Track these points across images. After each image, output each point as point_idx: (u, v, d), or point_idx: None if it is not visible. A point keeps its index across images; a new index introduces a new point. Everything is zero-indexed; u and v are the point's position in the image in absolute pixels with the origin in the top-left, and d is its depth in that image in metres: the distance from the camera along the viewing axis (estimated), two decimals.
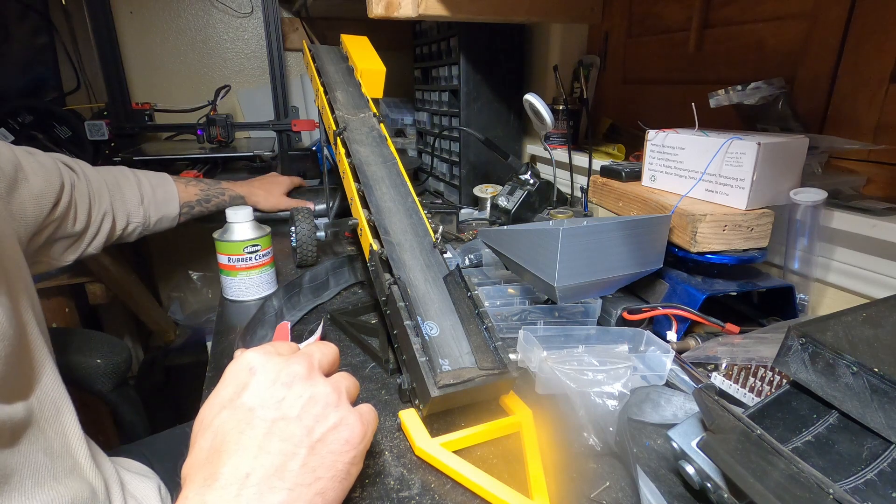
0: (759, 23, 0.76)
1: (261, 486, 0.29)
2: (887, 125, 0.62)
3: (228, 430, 0.30)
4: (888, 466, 0.30)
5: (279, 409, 0.31)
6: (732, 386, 0.49)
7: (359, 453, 0.33)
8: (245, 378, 0.32)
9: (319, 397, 0.33)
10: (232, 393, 0.32)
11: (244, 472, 0.29)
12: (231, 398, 0.32)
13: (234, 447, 0.30)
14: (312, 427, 0.31)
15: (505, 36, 1.11)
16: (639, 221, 0.58)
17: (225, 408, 0.31)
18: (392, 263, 0.54)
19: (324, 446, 0.31)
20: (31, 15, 1.46)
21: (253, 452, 0.30)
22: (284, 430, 0.31)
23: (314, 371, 0.34)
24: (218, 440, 0.30)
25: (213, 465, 0.29)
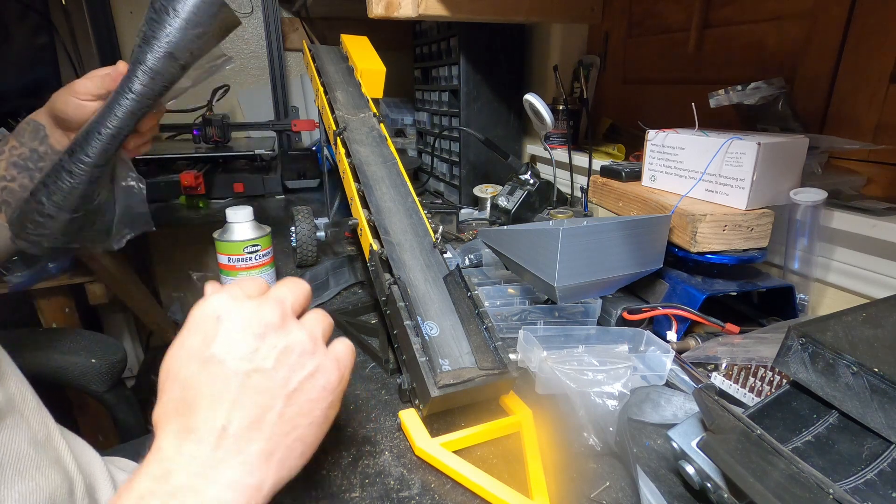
0: (759, 23, 0.76)
1: (238, 438, 0.29)
2: (887, 125, 0.62)
3: (200, 383, 0.29)
4: (888, 466, 0.30)
5: (252, 361, 0.30)
6: (732, 386, 0.49)
7: (336, 397, 0.33)
8: (212, 326, 0.31)
9: (294, 346, 0.31)
10: (200, 343, 0.30)
11: (220, 425, 0.29)
12: (199, 348, 0.30)
13: (208, 401, 0.29)
14: (288, 377, 0.31)
15: (505, 36, 1.11)
16: (639, 221, 0.58)
17: (193, 359, 0.30)
18: (392, 263, 0.54)
19: (301, 395, 0.31)
20: (31, 15, 1.46)
21: (228, 406, 0.29)
22: (259, 383, 0.30)
23: (287, 317, 0.32)
24: (190, 393, 0.29)
25: (187, 418, 0.29)
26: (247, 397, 0.29)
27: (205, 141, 1.41)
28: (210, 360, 0.30)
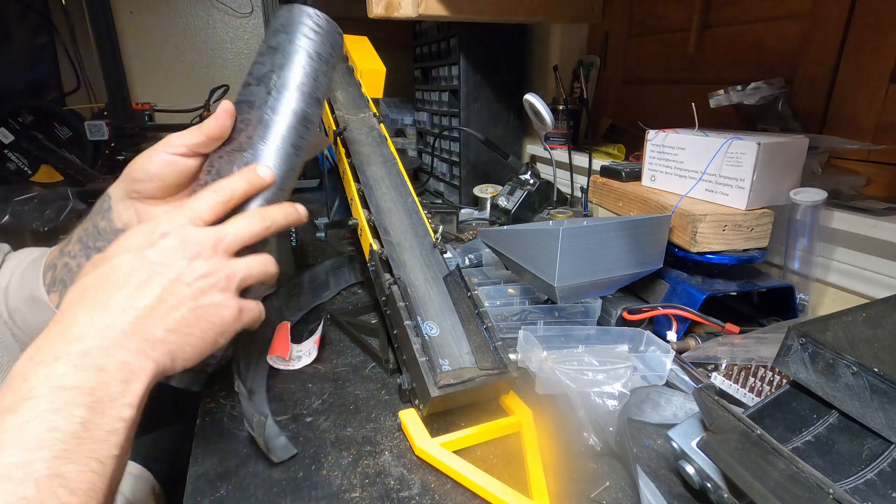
0: (759, 23, 0.76)
1: (148, 318, 0.35)
2: (887, 125, 0.62)
3: (127, 270, 0.36)
4: (888, 466, 0.30)
5: (177, 273, 0.37)
6: (732, 386, 0.49)
7: (230, 332, 0.40)
8: (156, 238, 0.37)
9: (213, 276, 0.38)
10: (140, 243, 0.37)
11: (135, 305, 0.35)
12: (137, 248, 0.37)
13: (129, 287, 0.35)
14: (198, 296, 0.37)
15: (505, 36, 1.11)
16: (639, 221, 0.58)
17: (129, 252, 0.37)
18: (392, 263, 0.54)
19: (203, 312, 0.38)
20: (31, 15, 1.46)
21: (146, 295, 0.35)
22: (175, 289, 0.37)
23: (217, 252, 0.39)
24: (115, 275, 0.36)
25: (103, 294, 0.35)
26: (163, 295, 0.36)
27: None
28: (142, 258, 0.36)
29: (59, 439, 0.29)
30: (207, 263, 0.38)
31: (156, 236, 0.37)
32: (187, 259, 0.37)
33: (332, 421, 0.48)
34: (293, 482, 0.41)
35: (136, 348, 0.34)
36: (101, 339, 0.33)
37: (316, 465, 0.43)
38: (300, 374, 0.56)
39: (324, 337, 0.62)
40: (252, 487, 0.40)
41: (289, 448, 0.44)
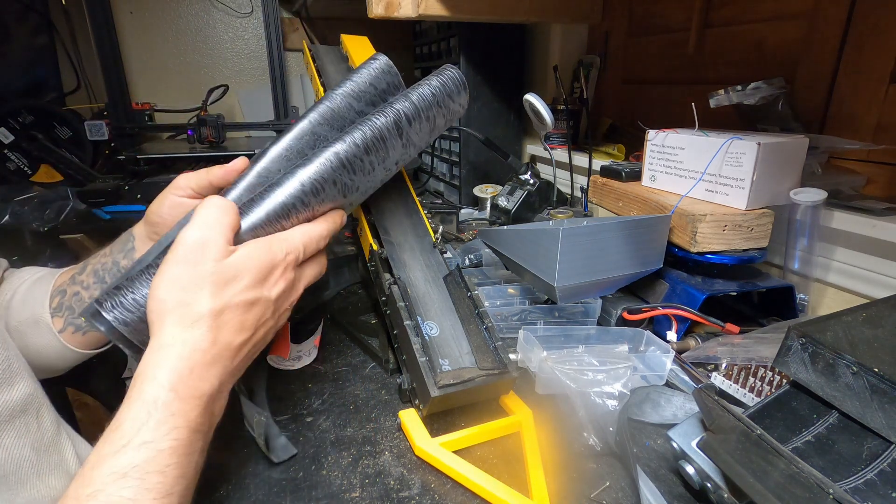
0: (759, 23, 0.76)
1: (247, 354, 0.38)
2: (887, 125, 0.62)
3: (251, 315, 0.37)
4: (888, 466, 0.30)
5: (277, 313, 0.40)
6: (732, 386, 0.49)
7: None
8: (276, 278, 0.39)
9: (289, 305, 0.42)
10: (261, 273, 0.38)
11: (247, 352, 0.38)
12: (258, 280, 0.37)
13: (247, 330, 0.37)
14: (278, 323, 0.41)
15: (505, 36, 1.11)
16: (639, 221, 0.58)
17: (254, 287, 0.37)
18: (392, 263, 0.54)
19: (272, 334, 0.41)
20: (31, 15, 1.46)
21: (255, 336, 0.38)
22: (271, 324, 0.40)
23: (300, 285, 0.42)
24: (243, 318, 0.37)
25: (229, 335, 0.36)
26: (264, 331, 0.39)
27: (199, 141, 1.41)
28: (262, 300, 0.38)
29: (184, 485, 0.32)
30: (292, 295, 0.41)
31: (275, 275, 0.39)
32: (291, 303, 0.41)
33: (332, 421, 0.48)
34: (293, 482, 0.41)
35: (229, 386, 0.37)
36: (224, 380, 0.35)
37: (316, 465, 0.43)
38: (300, 374, 0.56)
39: (324, 337, 0.62)
40: (252, 487, 0.40)
41: (289, 448, 0.44)
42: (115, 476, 0.29)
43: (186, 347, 0.33)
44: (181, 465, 0.31)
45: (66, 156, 1.40)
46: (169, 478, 0.30)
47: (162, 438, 0.30)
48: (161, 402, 0.31)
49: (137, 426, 0.30)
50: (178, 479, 0.31)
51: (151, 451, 0.30)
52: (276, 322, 0.40)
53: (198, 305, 0.34)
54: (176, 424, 0.31)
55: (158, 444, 0.30)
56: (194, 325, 0.34)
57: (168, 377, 0.32)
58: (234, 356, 0.36)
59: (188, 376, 0.32)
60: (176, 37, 1.69)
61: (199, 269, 0.35)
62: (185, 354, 0.33)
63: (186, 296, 0.34)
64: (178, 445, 0.31)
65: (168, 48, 1.69)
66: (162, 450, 0.30)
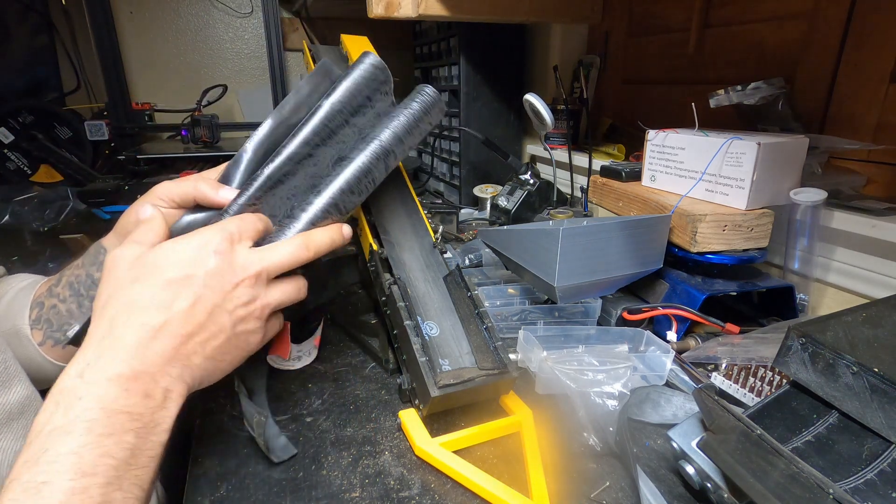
0: (759, 23, 0.76)
1: (189, 345, 0.36)
2: (887, 125, 0.62)
3: (175, 290, 0.36)
4: (888, 466, 0.30)
5: (221, 297, 0.37)
6: (732, 386, 0.49)
7: (252, 353, 0.41)
8: (206, 255, 0.37)
9: (252, 305, 0.39)
10: (190, 257, 0.37)
11: (180, 331, 0.36)
12: (187, 263, 0.37)
13: (175, 310, 0.36)
14: (236, 325, 0.38)
15: (505, 36, 1.11)
16: (639, 221, 0.58)
17: (178, 266, 0.36)
18: (392, 263, 0.54)
19: (237, 340, 0.39)
20: (31, 15, 1.47)
21: (190, 321, 0.36)
22: (217, 317, 0.37)
23: (260, 279, 0.39)
24: (164, 294, 0.35)
25: (151, 314, 0.35)
26: (208, 323, 0.37)
27: (193, 141, 1.40)
28: (191, 279, 0.36)
29: (111, 465, 0.30)
30: (249, 291, 0.38)
31: (207, 252, 0.37)
32: (232, 284, 0.37)
33: (332, 421, 0.48)
34: (293, 482, 0.41)
35: (177, 374, 0.35)
36: (148, 363, 0.34)
37: (316, 465, 0.43)
38: (300, 374, 0.56)
39: (324, 337, 0.62)
40: (252, 487, 0.40)
41: (289, 448, 0.44)
42: (29, 464, 0.28)
43: (94, 338, 0.33)
44: (101, 445, 0.30)
45: (66, 156, 1.40)
46: (86, 458, 0.29)
47: (71, 422, 0.30)
48: (67, 388, 0.31)
49: (48, 416, 0.30)
50: (101, 458, 0.29)
51: (61, 434, 0.29)
52: (224, 304, 0.37)
53: (115, 298, 0.35)
54: (86, 406, 0.30)
55: (68, 427, 0.30)
56: (103, 316, 0.34)
57: (75, 367, 0.32)
58: (155, 336, 0.34)
59: (95, 362, 0.32)
60: (176, 37, 1.69)
61: (120, 270, 0.36)
62: (91, 344, 0.33)
63: (106, 296, 0.35)
64: (91, 426, 0.30)
65: (168, 48, 1.69)
66: (72, 431, 0.29)
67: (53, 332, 0.48)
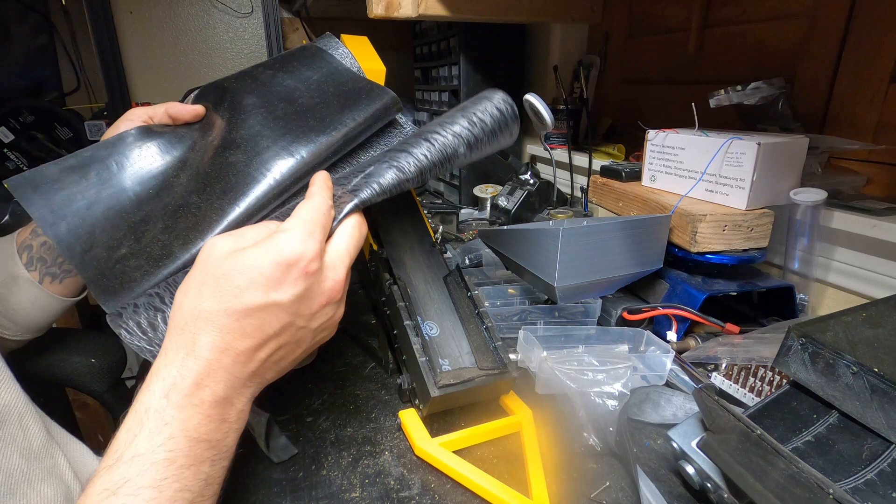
0: (759, 23, 0.76)
1: (268, 363, 0.34)
2: (887, 125, 0.62)
3: (260, 319, 0.33)
4: (888, 466, 0.30)
5: (306, 320, 0.35)
6: (732, 386, 0.49)
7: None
8: (293, 277, 0.33)
9: (332, 322, 0.37)
10: (271, 276, 0.32)
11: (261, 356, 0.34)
12: (269, 283, 0.32)
13: (260, 337, 0.33)
14: (314, 338, 0.37)
15: (505, 36, 1.11)
16: (639, 221, 0.58)
17: (261, 288, 0.32)
18: (392, 263, 0.54)
19: (309, 349, 0.37)
20: (31, 15, 1.46)
21: (273, 345, 0.34)
22: (299, 336, 0.35)
23: (342, 297, 0.37)
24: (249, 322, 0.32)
25: (237, 338, 0.32)
26: (290, 343, 0.35)
27: None
28: (277, 305, 0.33)
29: (187, 499, 0.29)
30: (334, 307, 0.36)
31: (291, 275, 0.32)
32: (320, 305, 0.35)
33: (332, 421, 0.48)
34: (293, 482, 0.41)
35: (251, 394, 0.34)
36: (231, 388, 0.32)
37: (316, 465, 0.43)
38: (300, 374, 0.56)
39: None
40: (252, 487, 0.40)
41: (289, 448, 0.44)
42: (107, 493, 0.27)
43: (180, 353, 0.31)
44: (181, 479, 0.29)
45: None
46: (166, 493, 0.28)
47: (155, 450, 0.29)
48: (153, 409, 0.30)
49: (130, 437, 0.29)
50: (179, 493, 0.29)
51: (144, 463, 0.28)
52: (307, 324, 0.35)
53: (193, 305, 0.32)
54: (171, 434, 0.29)
55: (151, 455, 0.28)
56: (185, 329, 0.32)
57: (161, 384, 0.30)
58: (244, 364, 0.32)
59: (181, 382, 0.30)
60: (176, 37, 1.69)
61: (205, 271, 0.33)
62: (177, 361, 0.31)
63: (189, 297, 0.32)
64: (174, 457, 0.29)
65: (168, 48, 1.69)
66: (155, 462, 0.28)
67: (49, 268, 0.48)
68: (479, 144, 0.44)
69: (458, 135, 0.43)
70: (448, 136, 0.43)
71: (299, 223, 0.34)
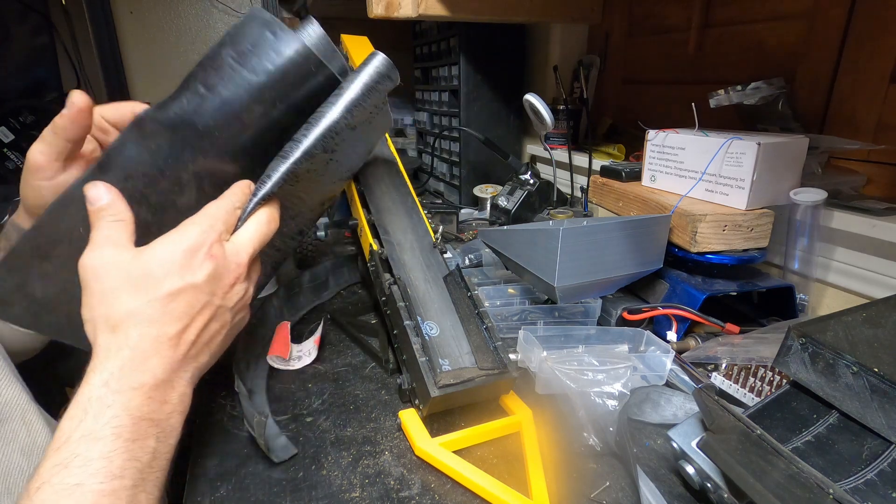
0: (759, 23, 0.76)
1: (199, 347, 0.38)
2: (887, 125, 0.62)
3: (184, 303, 0.36)
4: (888, 466, 0.30)
5: (222, 299, 0.39)
6: (732, 386, 0.49)
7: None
8: (199, 261, 0.37)
9: (246, 296, 0.41)
10: (181, 263, 0.36)
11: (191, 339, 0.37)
12: (182, 268, 0.36)
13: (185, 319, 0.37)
14: (235, 317, 0.41)
15: (505, 36, 1.11)
16: (639, 221, 0.58)
17: (174, 275, 0.36)
18: (392, 263, 0.54)
19: (234, 330, 0.41)
20: (31, 15, 1.46)
21: (199, 326, 0.37)
22: (222, 316, 0.39)
23: (250, 272, 0.41)
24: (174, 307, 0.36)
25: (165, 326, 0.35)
26: (216, 325, 0.39)
27: None
28: (194, 287, 0.36)
29: (137, 468, 0.32)
30: (244, 285, 0.40)
31: (201, 257, 0.37)
32: (230, 284, 0.39)
33: (332, 421, 0.48)
34: (293, 482, 0.41)
35: (188, 377, 0.37)
36: (168, 371, 0.35)
37: (316, 465, 0.43)
38: (300, 374, 0.56)
39: (324, 337, 0.62)
40: (252, 487, 0.40)
41: (289, 448, 0.44)
42: (59, 467, 0.29)
43: (112, 349, 0.34)
44: (129, 450, 0.31)
45: None
46: (115, 462, 0.31)
47: (101, 428, 0.31)
48: (94, 397, 0.32)
49: (76, 423, 0.31)
50: (128, 462, 0.31)
51: (90, 440, 0.31)
52: (225, 303, 0.39)
53: (117, 309, 0.35)
54: (114, 414, 0.32)
55: (97, 433, 0.31)
56: (117, 329, 0.34)
57: (99, 377, 0.33)
58: (175, 346, 0.36)
59: (118, 372, 0.33)
60: (176, 37, 1.69)
61: (109, 279, 0.35)
62: (111, 355, 0.34)
63: (105, 307, 0.35)
64: (120, 432, 0.31)
65: (168, 48, 1.69)
66: (101, 438, 0.31)
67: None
68: (359, 102, 0.45)
69: (331, 102, 0.44)
70: (325, 107, 0.44)
71: (203, 218, 0.38)
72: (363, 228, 0.60)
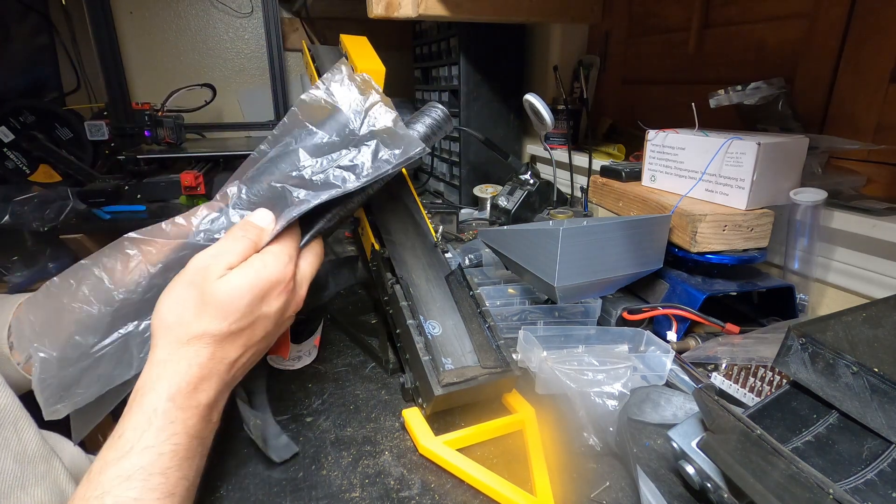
0: (759, 23, 0.76)
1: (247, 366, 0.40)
2: (887, 125, 0.62)
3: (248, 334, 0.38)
4: (888, 466, 0.30)
5: (277, 322, 0.40)
6: (732, 386, 0.49)
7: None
8: (274, 296, 0.39)
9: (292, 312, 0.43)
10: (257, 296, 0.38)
11: (243, 362, 0.39)
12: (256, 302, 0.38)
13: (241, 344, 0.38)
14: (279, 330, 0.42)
15: (505, 36, 1.11)
16: (639, 221, 0.58)
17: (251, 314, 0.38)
18: (394, 263, 0.54)
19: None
20: (31, 15, 1.46)
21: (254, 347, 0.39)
22: (273, 333, 0.41)
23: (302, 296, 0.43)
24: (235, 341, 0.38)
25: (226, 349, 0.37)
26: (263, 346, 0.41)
27: (156, 143, 1.40)
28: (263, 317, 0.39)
29: (186, 487, 0.34)
30: (293, 302, 0.42)
31: (276, 291, 0.39)
32: (290, 315, 0.42)
33: (332, 421, 0.48)
34: (293, 482, 0.41)
35: (228, 394, 0.39)
36: (218, 392, 0.37)
37: (316, 465, 0.43)
38: (300, 374, 0.56)
39: (324, 337, 0.62)
40: (252, 487, 0.40)
41: (290, 447, 0.44)
42: (121, 479, 0.31)
43: (183, 363, 0.35)
44: (182, 468, 0.33)
45: (66, 156, 1.40)
46: (171, 479, 0.32)
47: (162, 443, 0.33)
48: (160, 410, 0.33)
49: (139, 433, 0.32)
50: (180, 481, 0.33)
51: (153, 454, 0.32)
52: (278, 330, 0.41)
53: (197, 325, 0.36)
54: (175, 431, 0.33)
55: (159, 448, 0.32)
56: (191, 343, 0.36)
57: (167, 389, 0.34)
58: (230, 370, 0.38)
59: (185, 388, 0.34)
60: (176, 37, 1.69)
61: (200, 293, 0.36)
62: (181, 370, 0.35)
63: (186, 315, 0.36)
64: (178, 450, 0.33)
65: (168, 48, 1.69)
66: (163, 454, 0.32)
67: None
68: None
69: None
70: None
71: (282, 251, 0.40)
72: (364, 228, 0.60)
